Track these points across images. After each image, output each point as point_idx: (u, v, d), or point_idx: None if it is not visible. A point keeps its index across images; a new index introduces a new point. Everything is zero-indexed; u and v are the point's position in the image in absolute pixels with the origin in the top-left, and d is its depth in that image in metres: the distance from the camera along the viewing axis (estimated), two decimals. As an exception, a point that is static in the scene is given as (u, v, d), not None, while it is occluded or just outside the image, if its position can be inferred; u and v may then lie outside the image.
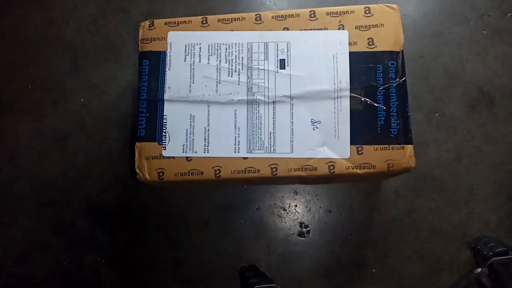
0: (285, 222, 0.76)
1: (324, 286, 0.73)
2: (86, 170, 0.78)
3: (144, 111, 0.51)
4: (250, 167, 0.49)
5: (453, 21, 0.78)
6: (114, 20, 0.83)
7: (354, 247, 0.74)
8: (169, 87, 0.51)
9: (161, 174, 0.50)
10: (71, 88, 0.81)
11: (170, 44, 0.52)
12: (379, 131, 0.48)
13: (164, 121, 0.51)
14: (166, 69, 0.52)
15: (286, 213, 0.76)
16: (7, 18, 0.84)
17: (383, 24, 0.50)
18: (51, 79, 0.82)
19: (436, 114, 0.75)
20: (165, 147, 0.50)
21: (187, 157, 0.50)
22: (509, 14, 0.77)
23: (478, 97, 0.75)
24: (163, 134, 0.51)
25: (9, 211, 0.78)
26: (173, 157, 0.50)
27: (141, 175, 0.50)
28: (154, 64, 0.52)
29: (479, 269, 0.64)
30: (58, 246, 0.77)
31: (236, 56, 0.51)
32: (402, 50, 0.50)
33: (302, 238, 0.75)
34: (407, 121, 0.49)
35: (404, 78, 0.49)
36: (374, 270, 0.73)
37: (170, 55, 0.52)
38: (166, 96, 0.51)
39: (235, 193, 0.77)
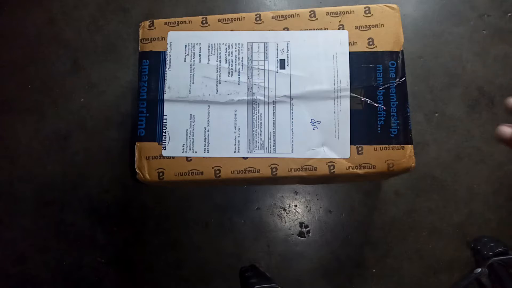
0: (285, 222, 0.76)
1: (324, 286, 0.73)
2: (86, 170, 0.78)
3: (144, 111, 0.51)
4: (250, 167, 0.49)
5: (453, 21, 0.78)
6: (114, 20, 0.83)
7: (354, 247, 0.74)
8: (169, 87, 0.51)
9: (161, 174, 0.50)
10: (71, 88, 0.81)
11: (170, 44, 0.52)
12: (379, 131, 0.48)
13: (164, 121, 0.51)
14: (166, 69, 0.52)
15: (286, 213, 0.76)
16: (7, 18, 0.84)
17: (383, 24, 0.50)
18: (51, 79, 0.82)
19: (436, 114, 0.75)
20: (165, 147, 0.50)
21: (187, 157, 0.50)
22: (509, 14, 0.77)
23: (478, 97, 0.75)
24: (163, 134, 0.51)
25: (9, 211, 0.78)
26: (173, 157, 0.50)
27: (141, 175, 0.50)
28: (154, 64, 0.52)
29: (479, 269, 0.64)
30: (58, 246, 0.77)
31: (236, 56, 0.51)
32: (402, 50, 0.50)
33: (302, 238, 0.75)
34: (407, 121, 0.49)
35: (404, 78, 0.49)
36: (374, 270, 0.73)
37: (170, 55, 0.52)
38: (166, 96, 0.51)
39: (235, 193, 0.77)
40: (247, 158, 0.49)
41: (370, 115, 0.49)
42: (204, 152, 0.50)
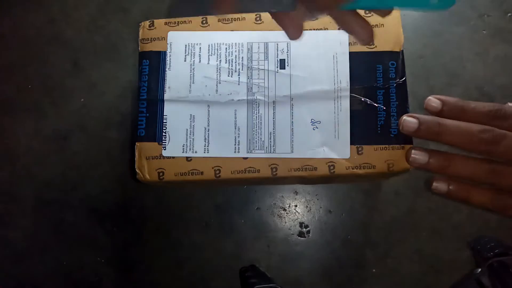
0: (285, 222, 0.76)
1: (324, 286, 0.73)
2: (86, 170, 0.78)
3: (144, 111, 0.51)
4: (250, 167, 0.49)
5: (453, 21, 0.78)
6: (114, 20, 0.83)
7: (354, 247, 0.74)
8: (169, 87, 0.51)
9: (161, 174, 0.50)
10: (71, 88, 0.81)
11: (170, 44, 0.52)
12: (379, 131, 0.48)
13: (164, 121, 0.51)
14: (166, 69, 0.52)
15: (286, 213, 0.76)
16: (7, 18, 0.84)
17: (383, 24, 0.50)
18: (51, 79, 0.81)
19: (436, 114, 0.75)
20: (165, 147, 0.50)
21: (187, 157, 0.50)
22: (509, 14, 0.77)
23: (478, 97, 0.75)
24: (163, 134, 0.51)
25: (9, 211, 0.78)
26: (173, 157, 0.50)
27: (141, 175, 0.50)
28: (154, 64, 0.52)
29: (479, 269, 0.64)
30: (58, 246, 0.77)
31: (236, 56, 0.51)
32: (402, 50, 0.50)
33: (302, 238, 0.75)
34: None
35: (404, 78, 0.49)
36: (374, 270, 0.73)
37: (170, 55, 0.52)
38: (166, 96, 0.51)
39: (235, 193, 0.77)
40: (247, 158, 0.49)
41: (370, 115, 0.49)
42: (204, 152, 0.50)
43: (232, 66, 0.51)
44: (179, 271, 0.75)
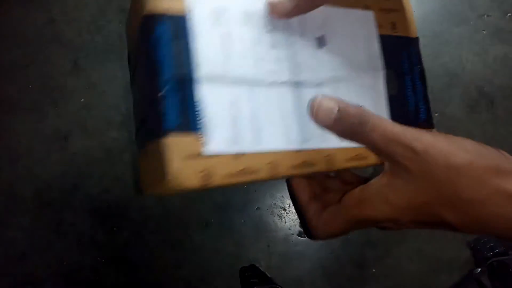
0: (285, 222, 0.76)
1: (324, 286, 0.73)
2: (86, 170, 0.78)
3: (172, 95, 0.40)
4: (305, 161, 0.43)
5: (453, 21, 0.78)
6: (115, 20, 0.83)
7: (354, 247, 0.74)
8: (197, 64, 0.39)
9: (205, 178, 0.38)
10: (72, 88, 0.81)
11: (191, 7, 0.42)
12: (409, 117, 0.47)
13: (198, 108, 0.40)
14: (189, 40, 0.39)
15: (286, 213, 0.76)
16: (7, 18, 0.84)
17: (400, 9, 0.49)
18: (51, 79, 0.81)
19: (436, 114, 0.75)
20: (204, 142, 0.41)
21: (234, 154, 0.41)
22: (509, 14, 0.77)
23: (478, 97, 0.75)
24: (199, 125, 0.42)
25: (9, 211, 0.78)
26: (217, 156, 0.42)
27: (175, 182, 0.39)
28: (172, 32, 0.39)
29: (479, 269, 0.64)
30: (58, 246, 0.77)
31: (276, 27, 0.45)
32: (418, 37, 0.50)
33: (302, 238, 0.75)
34: (429, 106, 0.48)
35: (422, 65, 0.49)
36: (374, 270, 0.73)
37: (192, 21, 0.40)
38: (196, 76, 0.39)
39: (235, 193, 0.77)
40: (301, 150, 0.42)
41: (402, 101, 0.47)
42: (254, 146, 0.41)
43: (272, 39, 0.44)
44: (179, 271, 0.75)
